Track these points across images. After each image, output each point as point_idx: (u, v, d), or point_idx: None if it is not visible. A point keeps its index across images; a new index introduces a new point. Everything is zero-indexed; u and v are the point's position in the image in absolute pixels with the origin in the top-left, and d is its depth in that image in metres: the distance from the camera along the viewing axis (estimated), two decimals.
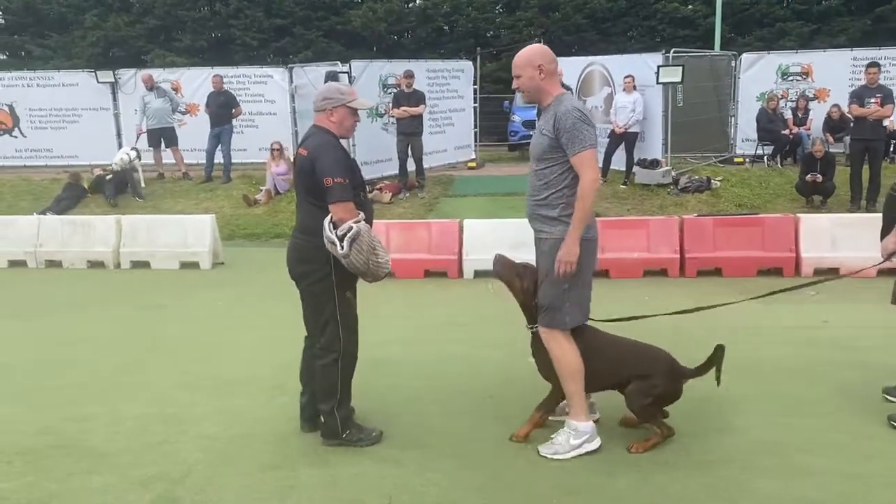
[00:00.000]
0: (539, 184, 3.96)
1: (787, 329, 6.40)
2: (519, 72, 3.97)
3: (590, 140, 3.80)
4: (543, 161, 3.92)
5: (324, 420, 4.26)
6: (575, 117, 3.78)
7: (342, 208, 3.86)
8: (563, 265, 3.83)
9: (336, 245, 3.82)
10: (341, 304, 4.11)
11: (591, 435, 4.06)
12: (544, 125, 3.91)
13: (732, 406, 4.69)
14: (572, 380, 4.02)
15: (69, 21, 27.25)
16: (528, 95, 4.06)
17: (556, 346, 4.02)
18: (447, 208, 12.03)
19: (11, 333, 6.91)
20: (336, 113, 4.06)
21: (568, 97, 3.98)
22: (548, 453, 4.04)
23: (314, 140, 4.05)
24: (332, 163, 3.90)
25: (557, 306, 3.96)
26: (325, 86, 4.40)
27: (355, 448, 4.24)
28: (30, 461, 4.21)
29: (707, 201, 11.70)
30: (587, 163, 3.79)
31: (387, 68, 13.97)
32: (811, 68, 14.36)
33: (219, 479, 3.96)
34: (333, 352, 4.14)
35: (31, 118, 15.77)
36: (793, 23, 25.14)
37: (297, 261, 4.14)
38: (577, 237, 3.81)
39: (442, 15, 26.92)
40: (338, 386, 4.18)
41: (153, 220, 9.97)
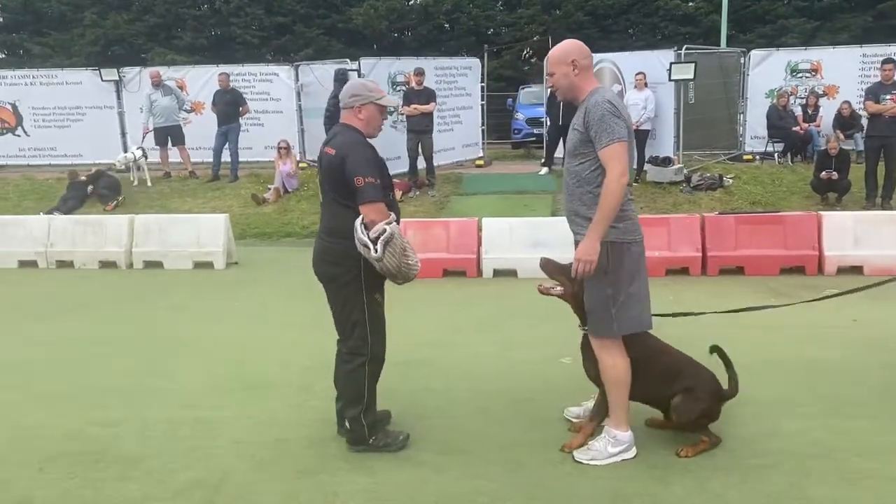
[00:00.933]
0: (573, 182, 3.81)
1: (818, 329, 6.31)
2: (553, 69, 3.83)
3: (619, 133, 3.58)
4: (576, 157, 3.77)
5: (350, 427, 4.15)
6: (604, 109, 3.59)
7: (374, 209, 3.74)
8: (580, 264, 3.66)
9: (370, 248, 3.70)
10: (370, 307, 4.01)
11: (629, 444, 3.95)
12: (576, 120, 3.77)
13: (777, 408, 4.60)
14: (618, 389, 3.90)
15: (68, 19, 27.12)
16: (563, 93, 3.89)
17: (604, 355, 3.89)
18: (459, 206, 11.93)
19: (30, 335, 6.78)
20: (364, 110, 3.94)
21: (601, 90, 3.80)
22: (584, 459, 3.93)
23: (342, 138, 3.92)
24: (362, 162, 3.78)
25: (602, 312, 3.81)
26: (352, 82, 4.27)
27: (395, 453, 4.13)
28: (61, 468, 4.09)
29: (721, 199, 11.63)
30: (615, 156, 3.58)
31: (396, 66, 13.87)
32: (820, 65, 14.30)
33: (257, 485, 3.86)
34: (361, 356, 4.04)
35: (35, 117, 15.63)
36: (795, 19, 25.14)
37: (325, 263, 4.03)
38: (598, 235, 3.61)
39: (443, 13, 26.86)
40: (364, 391, 4.07)
41: (166, 220, 9.85)
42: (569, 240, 8.15)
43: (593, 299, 3.84)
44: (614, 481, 3.76)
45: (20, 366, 5.86)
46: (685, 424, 4.02)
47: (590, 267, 3.66)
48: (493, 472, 3.91)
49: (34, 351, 6.25)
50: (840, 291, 4.78)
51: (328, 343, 4.34)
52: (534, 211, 11.33)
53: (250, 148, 14.42)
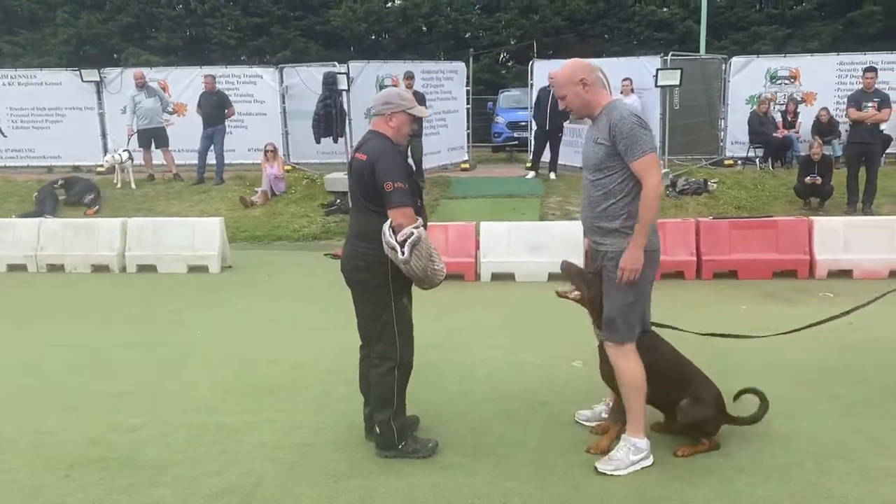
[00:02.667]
0: (597, 194, 3.87)
1: (816, 331, 6.42)
2: (563, 91, 3.91)
3: (650, 144, 3.74)
4: (601, 171, 3.83)
5: (380, 431, 4.18)
6: (632, 122, 3.70)
7: (402, 213, 3.80)
8: (627, 273, 3.76)
9: (397, 251, 3.75)
10: (398, 311, 4.06)
11: (647, 452, 4.01)
12: (598, 134, 3.84)
13: (791, 408, 4.72)
14: (637, 394, 3.96)
15: (40, 18, 26.66)
16: (577, 112, 3.98)
17: (623, 361, 3.95)
18: (448, 210, 11.99)
19: (36, 337, 6.71)
20: (395, 118, 4.01)
21: (620, 103, 3.92)
22: (607, 470, 3.95)
23: (372, 144, 3.98)
24: (392, 167, 3.85)
25: (622, 319, 3.89)
26: (386, 91, 4.34)
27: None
28: (88, 474, 4.07)
29: (706, 203, 11.84)
30: (650, 167, 3.72)
31: (384, 69, 13.92)
32: (798, 72, 14.60)
33: (292, 489, 3.87)
34: (390, 360, 4.08)
35: (13, 117, 15.33)
36: (767, 27, 25.62)
37: (355, 268, 4.07)
38: (642, 243, 3.73)
39: (422, 15, 26.89)
40: (394, 395, 4.11)
41: (159, 223, 9.76)
42: (567, 242, 8.31)
43: (615, 306, 3.91)
44: (644, 484, 3.85)
45: (32, 369, 5.81)
46: (687, 426, 4.12)
47: (635, 275, 3.76)
48: (525, 474, 3.97)
49: (42, 355, 6.19)
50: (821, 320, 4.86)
51: (342, 345, 4.39)
52: (523, 215, 11.44)
53: (234, 150, 14.31)
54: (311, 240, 11.23)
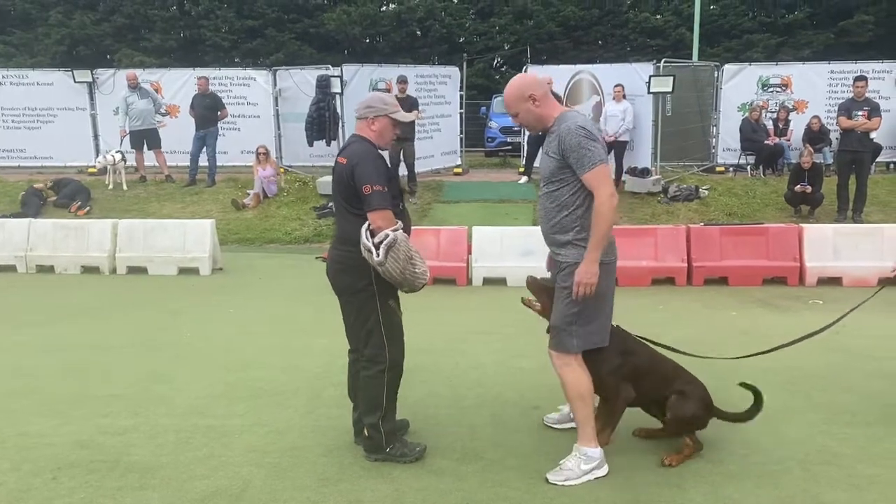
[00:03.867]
0: (551, 206, 3.83)
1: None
2: (514, 109, 3.85)
3: (598, 156, 3.64)
4: (553, 183, 3.79)
5: (368, 434, 4.17)
6: (579, 135, 3.61)
7: (380, 216, 3.79)
8: (581, 287, 3.70)
9: (372, 252, 3.75)
10: (385, 314, 4.05)
11: (600, 461, 3.98)
12: (549, 147, 3.80)
13: (778, 415, 4.74)
14: (583, 403, 3.93)
15: (33, 18, 26.60)
16: (531, 127, 3.98)
17: (567, 371, 3.92)
18: (441, 214, 12.00)
19: (25, 341, 6.66)
20: (377, 122, 4.00)
21: (570, 115, 3.81)
22: (557, 480, 3.91)
23: (354, 148, 3.98)
24: (371, 170, 3.84)
25: (564, 329, 3.85)
26: (369, 95, 4.34)
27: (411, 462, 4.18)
28: (74, 476, 4.04)
29: (698, 210, 11.89)
30: (600, 179, 3.63)
31: (378, 73, 13.92)
32: (790, 80, 14.69)
33: (280, 493, 3.86)
34: (380, 363, 4.07)
35: (3, 117, 15.28)
36: (760, 35, 25.79)
37: (340, 272, 4.06)
38: (596, 257, 3.66)
39: (416, 20, 26.95)
40: (383, 398, 4.10)
41: (151, 225, 9.72)
42: None
43: (559, 315, 3.88)
44: (633, 488, 3.85)
45: (19, 372, 5.76)
46: (676, 422, 4.12)
47: (590, 289, 3.71)
48: (514, 479, 3.97)
49: (31, 357, 6.14)
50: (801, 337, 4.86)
51: (332, 349, 4.38)
52: (516, 220, 11.47)
53: (226, 152, 14.33)
54: (302, 242, 11.22)
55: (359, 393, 4.23)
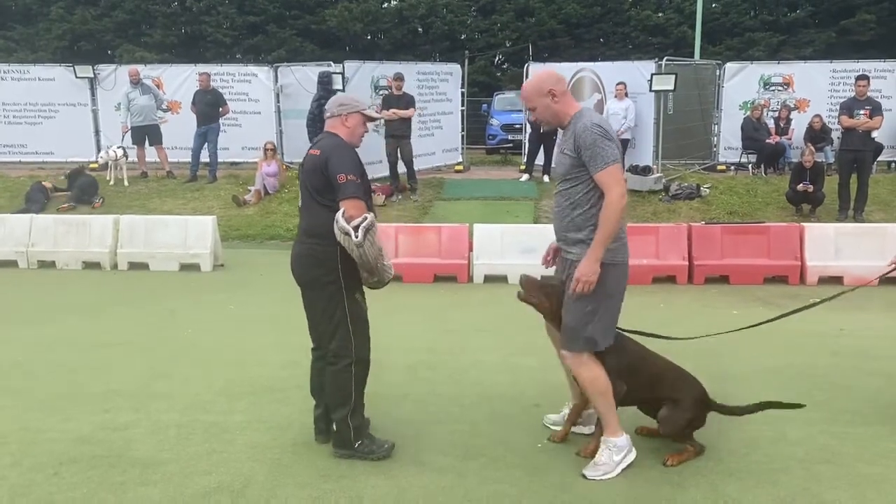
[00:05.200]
0: (566, 204, 3.85)
1: (809, 337, 6.51)
2: (532, 104, 3.86)
3: (612, 155, 3.65)
4: (568, 181, 3.81)
5: (336, 429, 4.16)
6: (595, 133, 3.64)
7: (354, 205, 3.78)
8: (580, 284, 3.70)
9: (350, 235, 3.71)
10: (351, 307, 4.03)
11: (629, 447, 4.02)
12: (565, 144, 3.82)
13: (779, 414, 4.72)
14: (603, 398, 3.94)
15: (34, 13, 26.59)
16: (547, 123, 3.97)
17: (582, 370, 3.93)
18: (442, 212, 12.01)
19: (25, 336, 6.66)
20: (350, 119, 4.03)
21: (586, 112, 3.84)
22: (596, 476, 3.93)
23: (326, 142, 4.01)
24: (346, 161, 3.87)
25: (579, 329, 3.85)
26: (340, 94, 4.38)
27: (413, 458, 4.18)
28: (77, 472, 4.05)
29: (699, 208, 11.88)
30: (612, 178, 3.65)
31: (379, 70, 13.90)
32: (792, 79, 14.67)
33: (281, 489, 3.87)
34: (346, 357, 4.06)
35: (5, 112, 15.27)
36: (762, 33, 25.77)
37: (306, 266, 4.05)
38: (598, 255, 3.68)
39: (418, 17, 26.93)
40: (351, 393, 4.09)
41: (152, 221, 9.73)
42: None
43: (573, 315, 3.87)
44: (634, 486, 3.86)
45: (19, 368, 5.77)
46: (672, 433, 4.13)
47: (589, 287, 3.71)
48: (515, 476, 3.97)
49: (32, 353, 6.14)
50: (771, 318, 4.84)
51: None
52: (517, 217, 11.46)
53: (227, 148, 14.30)
54: None
55: (325, 389, 4.22)
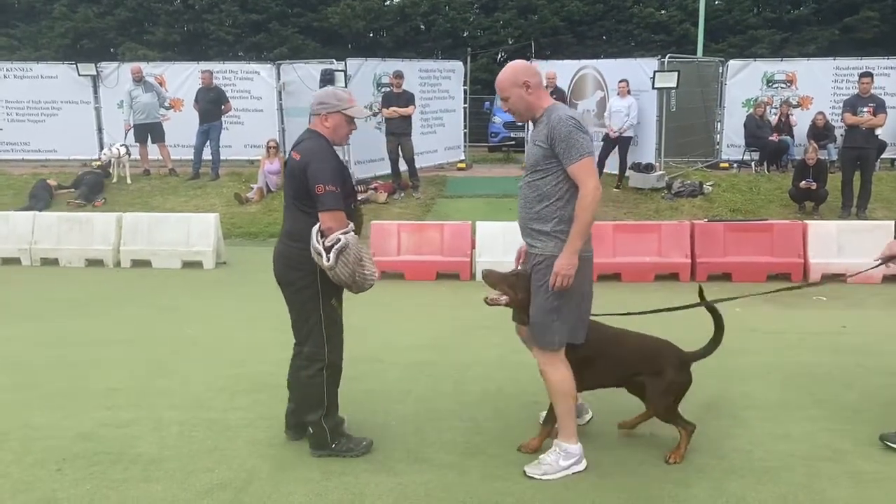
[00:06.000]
0: (532, 195, 3.80)
1: (810, 334, 6.51)
2: (506, 94, 3.83)
3: (587, 148, 3.65)
4: (537, 172, 3.77)
5: (312, 431, 4.16)
6: (570, 125, 3.63)
7: (332, 217, 3.76)
8: (560, 278, 3.66)
9: (322, 256, 3.72)
10: (326, 312, 4.03)
11: (579, 457, 3.99)
12: (537, 136, 3.79)
13: (782, 411, 4.76)
14: (564, 400, 3.93)
15: (37, 11, 26.63)
16: (520, 115, 3.91)
17: (549, 368, 3.92)
18: (444, 209, 12.00)
19: (27, 334, 6.66)
20: (331, 119, 3.96)
21: (560, 106, 3.83)
22: (536, 474, 3.94)
23: (307, 145, 3.92)
24: (324, 170, 3.79)
25: (546, 325, 3.83)
26: (323, 90, 4.28)
27: (415, 455, 4.18)
28: (79, 468, 4.06)
29: (702, 206, 11.86)
30: (587, 171, 3.64)
31: (381, 67, 13.89)
32: (795, 76, 14.63)
33: (283, 486, 3.87)
34: (318, 361, 4.06)
35: (8, 110, 15.28)
36: (765, 30, 25.73)
37: (284, 267, 4.05)
38: (577, 249, 3.64)
39: (420, 14, 26.92)
40: (324, 396, 4.09)
41: (155, 219, 9.74)
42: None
43: (539, 311, 3.84)
44: (636, 485, 3.86)
45: (22, 366, 5.77)
46: (663, 412, 4.12)
47: (568, 281, 3.69)
48: (517, 474, 3.97)
49: (34, 351, 6.14)
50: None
51: None
52: None
53: (230, 146, 14.29)
54: None
55: (297, 391, 4.23)
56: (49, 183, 12.78)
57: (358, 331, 6.65)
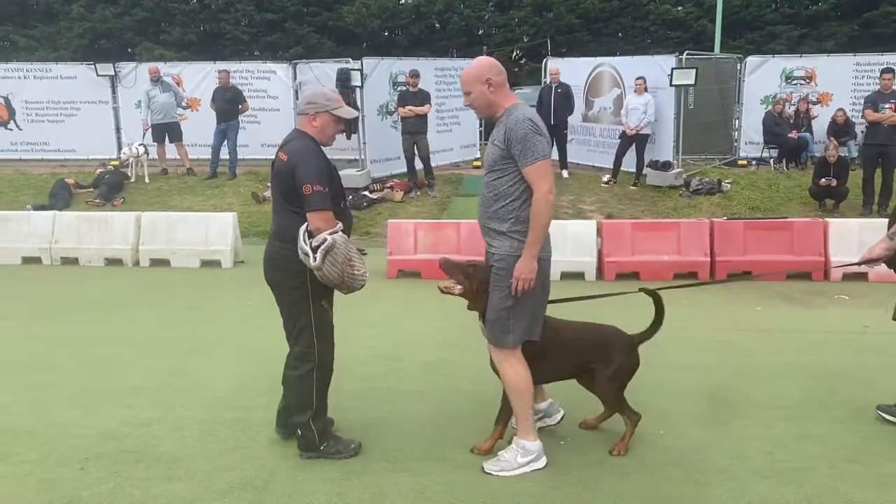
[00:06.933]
0: (489, 195, 3.82)
1: (832, 334, 6.45)
2: (468, 88, 3.84)
3: (543, 150, 3.65)
4: (494, 172, 3.78)
5: (301, 433, 4.15)
6: (527, 127, 3.62)
7: (320, 217, 3.76)
8: (521, 282, 3.69)
9: (309, 256, 3.71)
10: (316, 314, 4.01)
11: (538, 454, 3.99)
12: (496, 136, 3.79)
13: (805, 411, 4.72)
14: (521, 398, 3.93)
15: (55, 11, 26.77)
16: (481, 111, 3.92)
17: (505, 366, 3.92)
18: (461, 207, 11.98)
19: (49, 332, 6.71)
20: (318, 119, 3.95)
21: (520, 107, 3.80)
22: (494, 470, 3.96)
23: (294, 145, 3.91)
24: (311, 170, 3.77)
25: (502, 323, 3.85)
26: (312, 91, 4.28)
27: (435, 455, 4.18)
28: (103, 467, 4.09)
29: (720, 204, 11.78)
30: (541, 173, 3.64)
31: (397, 66, 13.90)
32: (815, 72, 14.50)
33: (304, 485, 3.88)
34: (308, 362, 4.05)
35: (28, 111, 15.44)
36: (783, 26, 25.44)
37: (273, 269, 4.03)
38: (535, 253, 3.67)
39: (435, 13, 26.82)
40: (313, 398, 4.08)
41: (173, 218, 9.79)
42: (579, 241, 8.33)
43: (494, 309, 3.86)
44: (658, 485, 3.84)
45: (44, 364, 5.82)
46: (611, 396, 4.13)
47: (529, 284, 3.70)
48: (537, 473, 3.96)
49: (56, 349, 6.19)
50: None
51: (350, 342, 4.35)
52: None
53: (247, 146, 14.33)
54: None
55: (287, 391, 4.22)
56: (68, 182, 12.88)
57: (375, 328, 6.72)
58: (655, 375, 5.32)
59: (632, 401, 4.54)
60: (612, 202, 12.15)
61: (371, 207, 12.17)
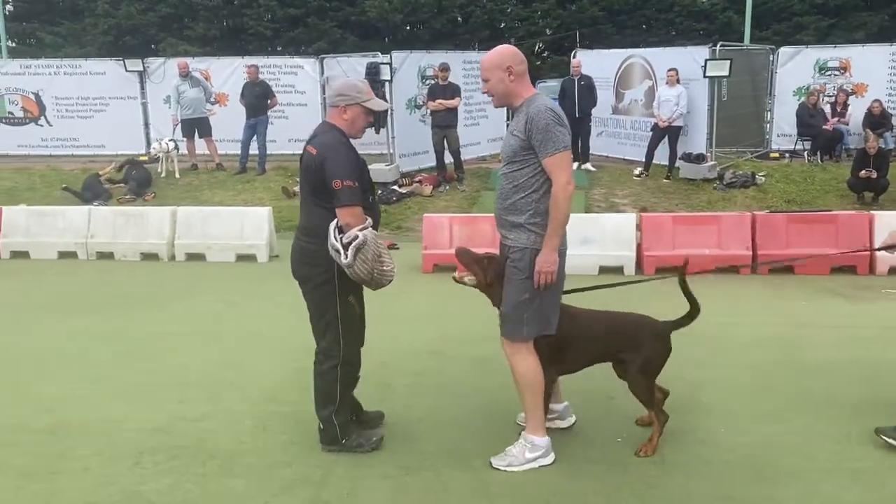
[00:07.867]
0: (508, 187, 3.78)
1: (885, 329, 6.32)
2: (487, 75, 3.78)
3: (564, 141, 3.60)
4: (514, 163, 3.74)
5: (322, 427, 4.13)
6: (548, 118, 3.58)
7: (350, 213, 3.70)
8: (542, 276, 3.66)
9: (340, 253, 3.65)
10: (343, 310, 3.97)
11: (546, 450, 3.94)
12: (515, 126, 3.75)
13: (867, 408, 4.59)
14: (532, 392, 3.88)
15: (80, 8, 26.95)
16: (498, 100, 3.85)
17: (518, 360, 3.87)
18: (490, 202, 11.79)
19: (91, 327, 6.70)
20: (349, 111, 3.89)
21: (540, 97, 3.76)
22: (501, 465, 3.91)
23: (323, 138, 3.87)
24: (341, 164, 3.73)
25: (517, 317, 3.81)
26: (342, 81, 4.22)
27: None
28: (158, 462, 4.07)
29: (755, 197, 11.63)
30: (561, 165, 3.60)
31: (426, 59, 13.84)
32: (849, 63, 14.26)
33: (362, 481, 3.84)
34: (333, 358, 4.01)
35: (58, 107, 15.54)
36: (811, 17, 25.11)
37: (301, 263, 4.00)
38: (556, 245, 3.64)
39: (457, 6, 26.73)
40: (336, 392, 4.05)
41: (208, 212, 9.81)
42: (617, 236, 8.20)
43: (510, 303, 3.82)
44: (724, 483, 3.76)
45: (90, 360, 5.81)
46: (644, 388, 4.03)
47: (551, 277, 3.66)
48: (598, 472, 3.90)
49: (100, 344, 6.18)
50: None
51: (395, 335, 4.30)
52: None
53: (274, 141, 14.27)
54: None
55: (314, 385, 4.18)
56: (100, 174, 12.93)
57: (417, 323, 6.67)
58: (709, 372, 5.25)
59: (689, 399, 4.49)
60: (645, 195, 12.02)
61: (400, 202, 12.13)
